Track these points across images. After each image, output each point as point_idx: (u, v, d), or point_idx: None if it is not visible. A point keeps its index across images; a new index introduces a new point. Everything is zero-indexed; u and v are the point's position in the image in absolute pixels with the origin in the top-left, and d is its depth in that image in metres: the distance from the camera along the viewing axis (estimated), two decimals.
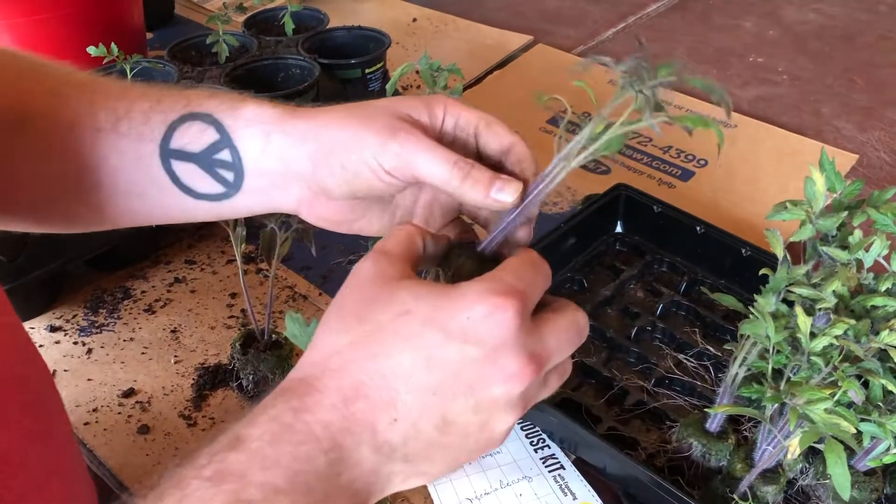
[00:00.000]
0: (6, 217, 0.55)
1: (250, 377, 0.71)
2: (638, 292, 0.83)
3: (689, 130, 0.40)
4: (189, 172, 0.51)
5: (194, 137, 0.50)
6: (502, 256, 0.44)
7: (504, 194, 0.44)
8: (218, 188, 0.51)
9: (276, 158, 0.49)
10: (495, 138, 0.47)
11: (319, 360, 0.39)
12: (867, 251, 0.56)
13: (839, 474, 0.49)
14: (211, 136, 0.50)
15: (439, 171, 0.44)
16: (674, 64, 0.39)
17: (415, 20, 1.43)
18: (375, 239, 0.53)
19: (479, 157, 0.48)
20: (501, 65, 1.28)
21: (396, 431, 0.38)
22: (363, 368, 0.38)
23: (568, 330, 0.41)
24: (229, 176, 0.50)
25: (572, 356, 0.75)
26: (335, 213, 0.51)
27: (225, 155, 0.50)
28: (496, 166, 0.46)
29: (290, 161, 0.49)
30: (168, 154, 0.50)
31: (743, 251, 0.79)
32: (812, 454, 0.60)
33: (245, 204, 0.52)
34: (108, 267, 0.88)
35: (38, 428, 0.44)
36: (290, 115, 0.49)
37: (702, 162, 1.04)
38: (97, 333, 0.80)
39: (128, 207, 0.53)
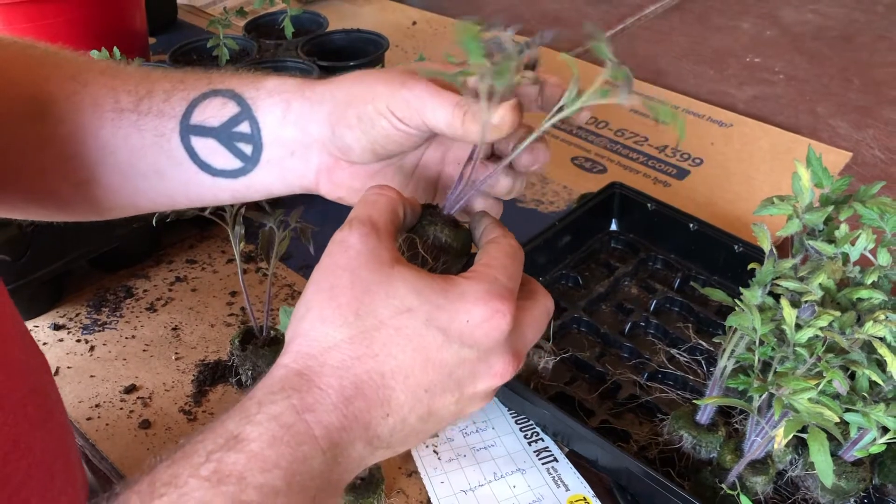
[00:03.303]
0: (27, 204, 0.55)
1: (249, 372, 0.73)
2: (632, 289, 0.84)
3: (658, 120, 0.41)
4: (208, 148, 0.51)
5: (215, 112, 0.50)
6: (467, 219, 0.47)
7: (497, 116, 0.42)
8: (235, 163, 0.51)
9: (295, 126, 0.49)
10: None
11: (317, 352, 0.38)
12: (853, 245, 0.57)
13: (821, 461, 0.50)
14: (231, 109, 0.50)
15: (443, 112, 0.44)
16: (546, 32, 0.41)
17: (414, 23, 1.45)
18: None
19: None
20: None
21: (386, 425, 0.39)
22: (364, 367, 0.38)
23: (542, 319, 0.43)
24: (247, 149, 0.51)
25: (566, 350, 0.76)
26: (357, 180, 0.50)
27: (244, 127, 0.50)
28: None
29: (309, 126, 0.49)
30: (188, 130, 0.51)
31: (735, 248, 0.80)
32: (801, 446, 0.61)
33: (262, 181, 0.52)
34: (111, 266, 0.89)
35: (39, 414, 0.45)
36: (311, 83, 0.50)
37: (697, 161, 1.05)
38: (100, 331, 0.82)
39: (146, 189, 0.53)
